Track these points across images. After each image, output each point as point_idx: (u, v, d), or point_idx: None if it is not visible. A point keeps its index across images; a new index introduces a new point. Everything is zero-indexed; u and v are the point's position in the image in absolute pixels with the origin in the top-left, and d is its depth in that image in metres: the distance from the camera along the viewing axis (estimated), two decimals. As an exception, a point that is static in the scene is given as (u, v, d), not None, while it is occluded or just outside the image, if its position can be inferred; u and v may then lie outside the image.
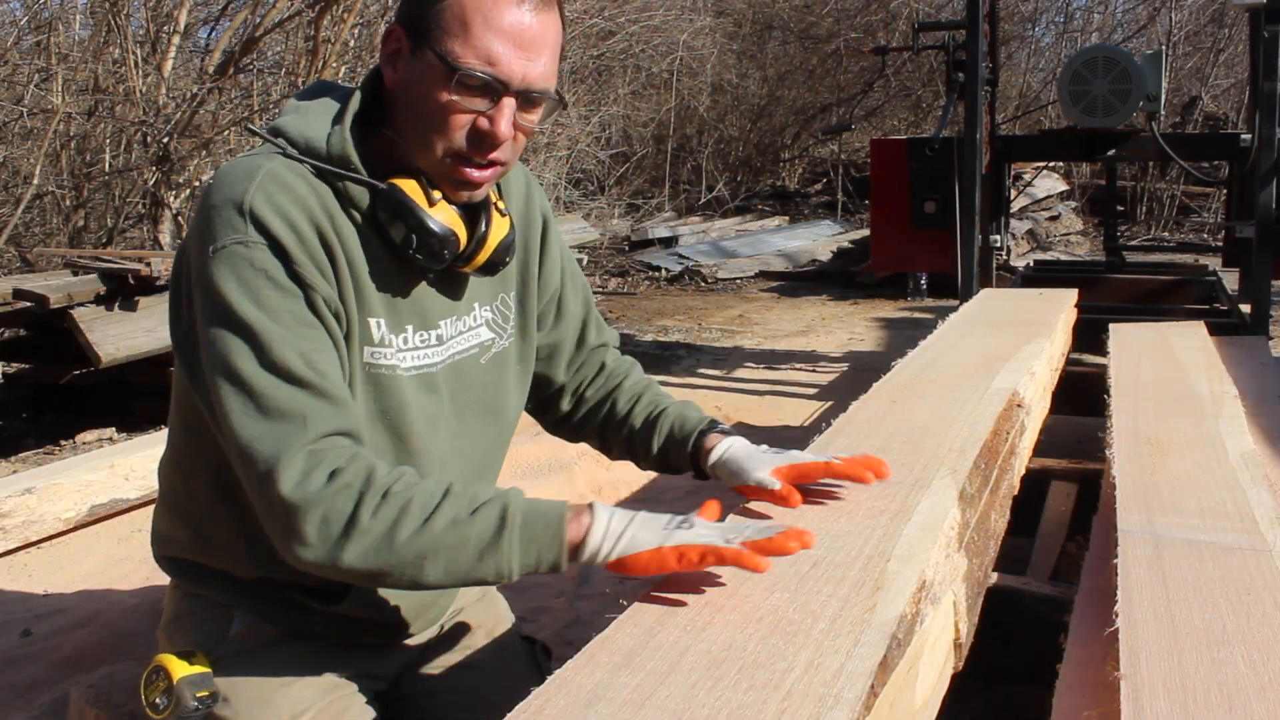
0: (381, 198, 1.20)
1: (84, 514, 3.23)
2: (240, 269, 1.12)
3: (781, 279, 9.15)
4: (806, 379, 5.46)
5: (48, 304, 3.98)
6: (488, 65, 1.15)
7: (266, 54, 7.76)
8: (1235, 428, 1.94)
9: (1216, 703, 0.93)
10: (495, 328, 1.36)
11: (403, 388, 1.25)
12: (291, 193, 1.15)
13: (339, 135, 1.20)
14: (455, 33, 1.15)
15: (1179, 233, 11.36)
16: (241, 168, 1.18)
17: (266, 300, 1.12)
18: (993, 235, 4.49)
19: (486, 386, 1.36)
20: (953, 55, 4.46)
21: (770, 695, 0.86)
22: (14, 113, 6.32)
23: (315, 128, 1.21)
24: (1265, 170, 3.93)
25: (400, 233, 1.20)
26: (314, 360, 1.12)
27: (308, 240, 1.15)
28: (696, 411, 1.50)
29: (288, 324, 1.12)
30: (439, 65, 1.15)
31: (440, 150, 1.19)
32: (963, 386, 1.95)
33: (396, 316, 1.24)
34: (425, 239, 1.20)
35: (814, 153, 14.83)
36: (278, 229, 1.13)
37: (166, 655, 1.24)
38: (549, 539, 1.10)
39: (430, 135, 1.18)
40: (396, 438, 1.25)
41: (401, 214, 1.19)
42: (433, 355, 1.28)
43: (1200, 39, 13.52)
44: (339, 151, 1.19)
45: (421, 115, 1.18)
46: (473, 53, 1.14)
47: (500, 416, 1.39)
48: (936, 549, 1.18)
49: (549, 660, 1.51)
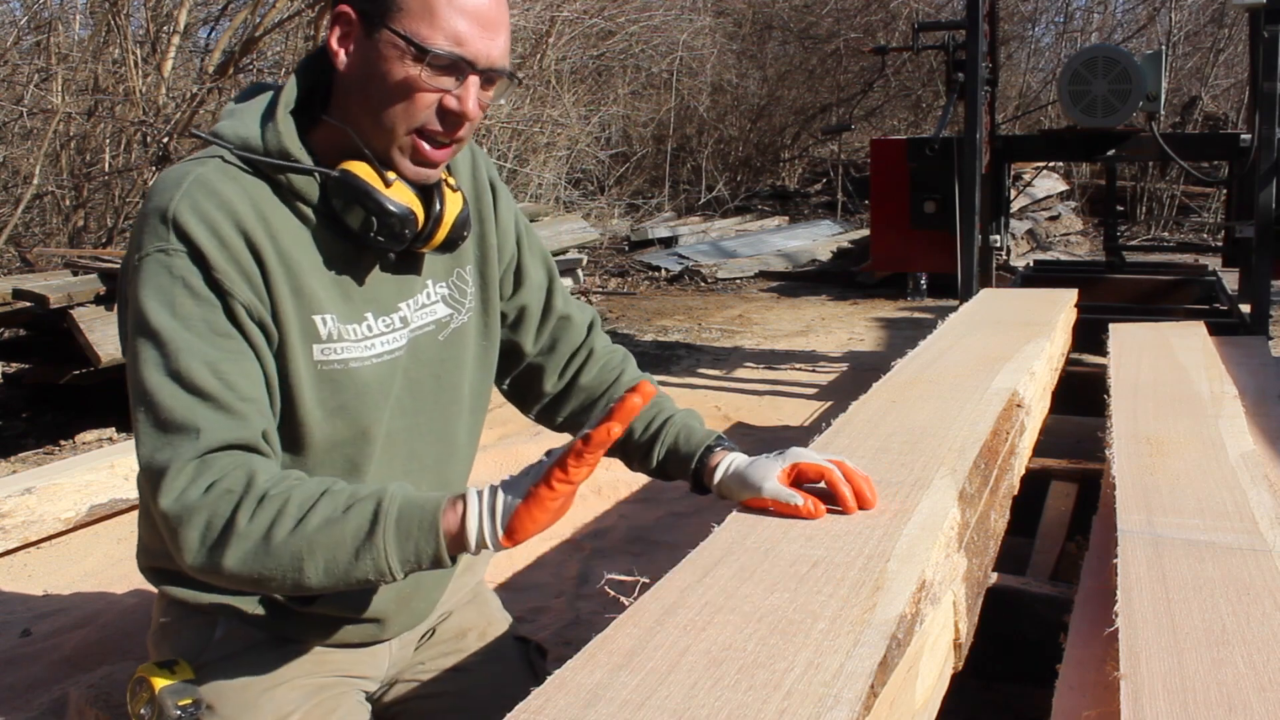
0: (334, 184, 1.18)
1: (84, 514, 3.23)
2: (159, 277, 1.12)
3: (781, 279, 9.15)
4: (806, 379, 5.46)
5: (48, 304, 3.98)
6: (456, 45, 1.15)
7: (266, 54, 7.76)
8: (1235, 428, 1.94)
9: (1216, 703, 0.93)
10: (452, 303, 1.35)
11: (364, 379, 1.24)
12: (217, 198, 1.15)
13: (273, 129, 1.19)
14: (419, 13, 1.14)
15: (1179, 233, 11.36)
16: (172, 175, 1.17)
17: (181, 308, 1.12)
18: (993, 235, 4.49)
19: (445, 363, 1.34)
20: (953, 55, 4.46)
21: (770, 695, 0.86)
22: (14, 113, 6.32)
23: (249, 125, 1.20)
24: (1265, 170, 3.93)
25: (358, 217, 1.18)
26: (222, 369, 1.12)
27: (231, 246, 1.14)
28: (700, 424, 1.47)
29: (200, 332, 1.12)
30: (403, 45, 1.14)
31: (402, 130, 1.18)
32: (963, 387, 1.95)
33: (351, 307, 1.23)
34: (385, 220, 1.18)
35: (814, 153, 14.84)
36: (199, 236, 1.12)
37: (147, 666, 1.23)
38: (424, 533, 1.09)
39: (391, 115, 1.17)
40: (357, 429, 1.25)
41: (358, 198, 1.18)
42: (399, 339, 1.27)
43: (1200, 39, 13.51)
44: (276, 144, 1.18)
45: (381, 95, 1.17)
46: (441, 33, 1.14)
47: (459, 393, 1.37)
48: (936, 549, 1.18)
49: (544, 660, 1.51)
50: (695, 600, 1.05)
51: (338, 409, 1.22)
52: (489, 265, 1.40)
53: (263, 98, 1.24)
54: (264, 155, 1.18)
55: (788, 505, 1.25)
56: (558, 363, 1.51)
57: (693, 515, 3.36)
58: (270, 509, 1.07)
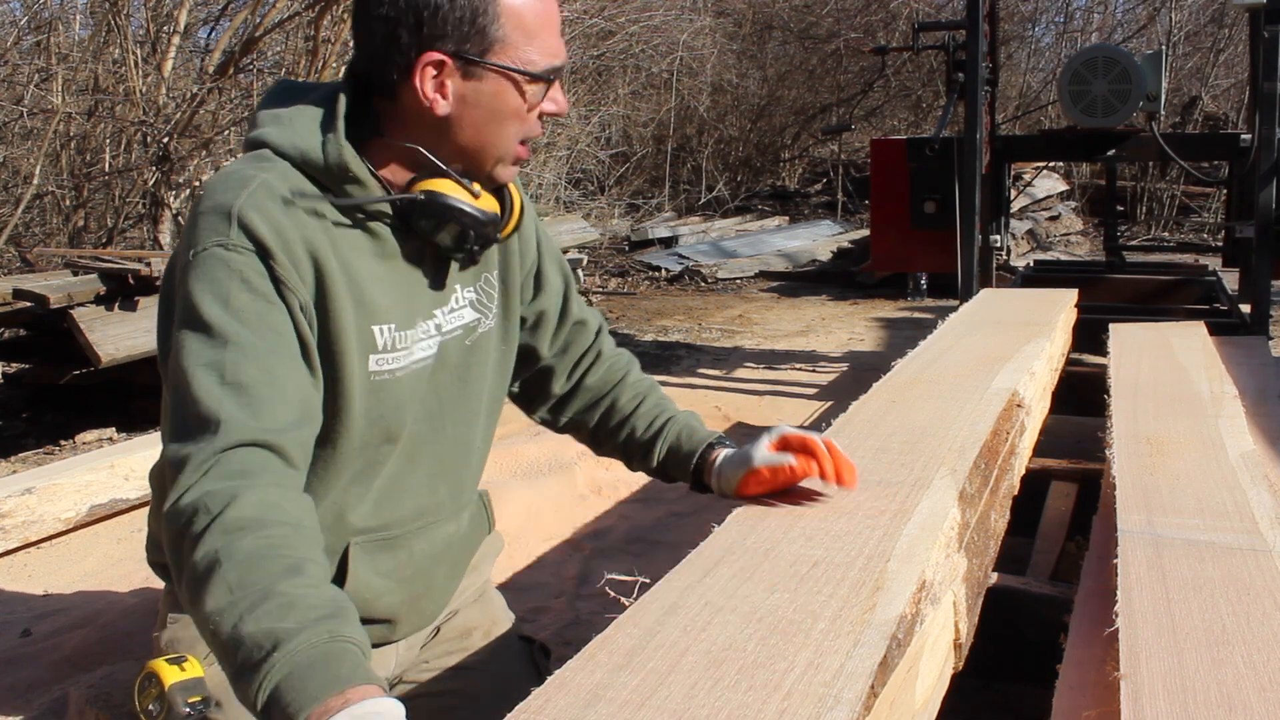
0: (422, 206, 1.21)
1: (84, 514, 3.23)
2: (216, 270, 1.11)
3: (781, 279, 9.15)
4: (806, 379, 5.46)
5: (48, 304, 3.98)
6: (555, 58, 1.21)
7: (266, 54, 7.76)
8: (1235, 428, 1.94)
9: (1216, 703, 0.93)
10: (480, 308, 1.36)
11: (402, 385, 1.25)
12: (283, 203, 1.15)
13: (335, 144, 1.19)
14: (519, 42, 1.18)
15: (1179, 233, 11.36)
16: (236, 176, 1.17)
17: (235, 300, 1.10)
18: (993, 235, 4.49)
19: (470, 368, 1.35)
20: (953, 55, 4.46)
21: (770, 695, 0.86)
22: (14, 113, 6.32)
23: (306, 138, 1.20)
24: (1265, 170, 3.93)
25: (453, 233, 1.22)
26: (269, 363, 1.10)
27: (295, 251, 1.14)
28: (701, 424, 1.49)
29: (254, 326, 1.10)
30: (516, 76, 1.19)
31: (514, 144, 1.24)
32: (963, 387, 1.95)
33: (408, 316, 1.25)
34: (481, 231, 1.24)
35: (814, 153, 14.83)
36: (265, 235, 1.12)
37: (157, 661, 1.22)
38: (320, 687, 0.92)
39: (507, 137, 1.22)
40: (386, 433, 1.26)
41: (454, 216, 1.21)
42: (432, 346, 1.29)
43: (1200, 39, 13.51)
44: (337, 160, 1.18)
45: (498, 124, 1.21)
46: (542, 53, 1.20)
47: (480, 398, 1.38)
48: (936, 549, 1.18)
49: (548, 660, 1.51)
50: (695, 600, 1.05)
51: (378, 417, 1.23)
52: (511, 271, 1.41)
53: (312, 110, 1.23)
54: (323, 170, 1.19)
55: (781, 467, 1.31)
56: (568, 364, 1.52)
57: (692, 515, 3.36)
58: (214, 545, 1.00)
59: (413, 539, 1.33)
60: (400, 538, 1.32)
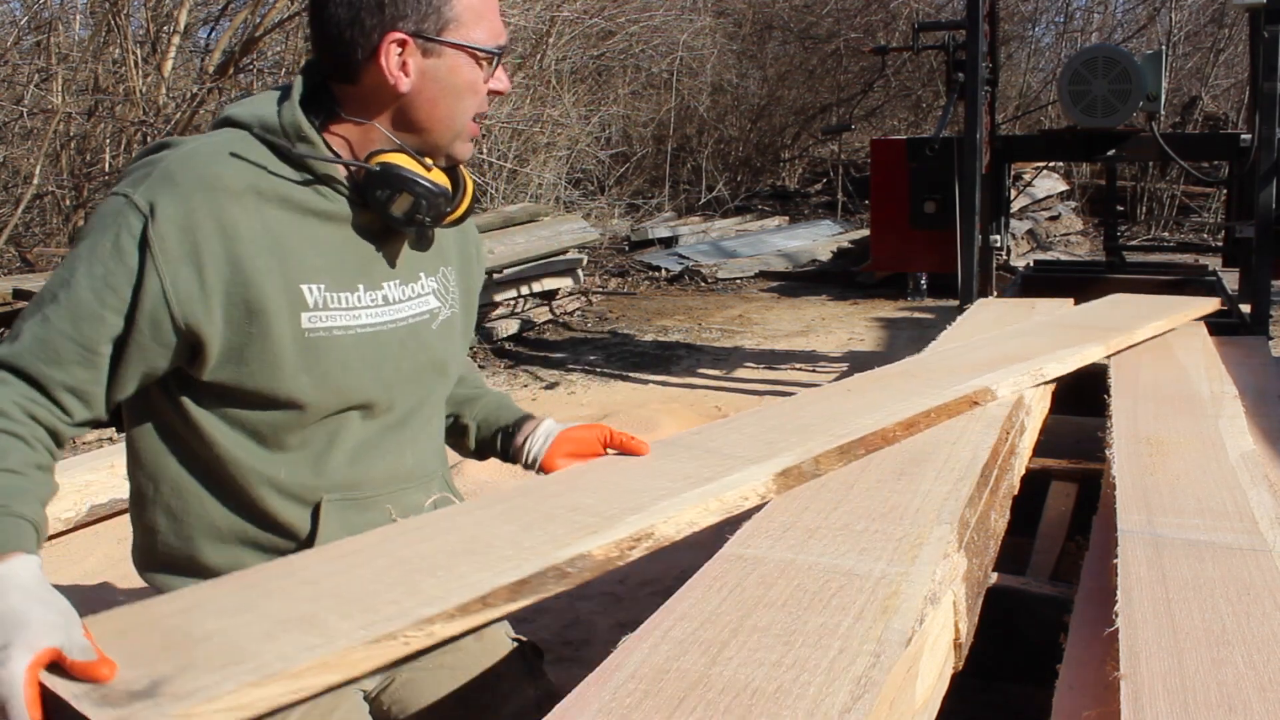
0: (378, 177, 1.28)
1: (84, 514, 3.23)
2: (106, 216, 1.21)
3: (781, 279, 9.15)
4: (806, 379, 5.46)
5: (48, 304, 3.98)
6: (499, 38, 1.32)
7: (266, 54, 7.76)
8: (1235, 428, 1.94)
9: (1216, 703, 0.93)
10: (440, 297, 1.44)
11: (345, 347, 1.30)
12: (211, 172, 1.22)
13: (289, 108, 1.28)
14: (471, 21, 1.28)
15: (1179, 233, 11.37)
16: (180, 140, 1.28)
17: (97, 250, 1.19)
18: (993, 235, 4.49)
19: (437, 348, 1.43)
20: (953, 55, 4.46)
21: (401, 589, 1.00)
22: (14, 113, 6.32)
23: (263, 106, 1.29)
24: (1265, 170, 3.93)
25: (405, 203, 1.29)
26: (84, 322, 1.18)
27: (195, 222, 1.20)
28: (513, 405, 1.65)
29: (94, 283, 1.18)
30: (469, 53, 1.29)
31: (465, 121, 1.33)
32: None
33: (341, 278, 1.31)
34: (433, 201, 1.30)
35: (814, 153, 14.84)
36: (163, 207, 1.19)
37: None
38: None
39: (462, 112, 1.32)
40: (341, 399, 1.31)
41: (407, 186, 1.28)
42: (381, 315, 1.35)
43: (1200, 39, 13.52)
44: (291, 120, 1.27)
45: (455, 99, 1.30)
46: (487, 33, 1.30)
47: (447, 372, 1.48)
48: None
49: (540, 660, 1.51)
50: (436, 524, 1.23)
51: (324, 375, 1.28)
52: (471, 275, 1.53)
53: (270, 92, 1.33)
54: (280, 131, 1.27)
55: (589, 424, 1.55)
56: None
57: (693, 515, 3.35)
58: None
59: (385, 501, 1.38)
60: (373, 499, 1.37)
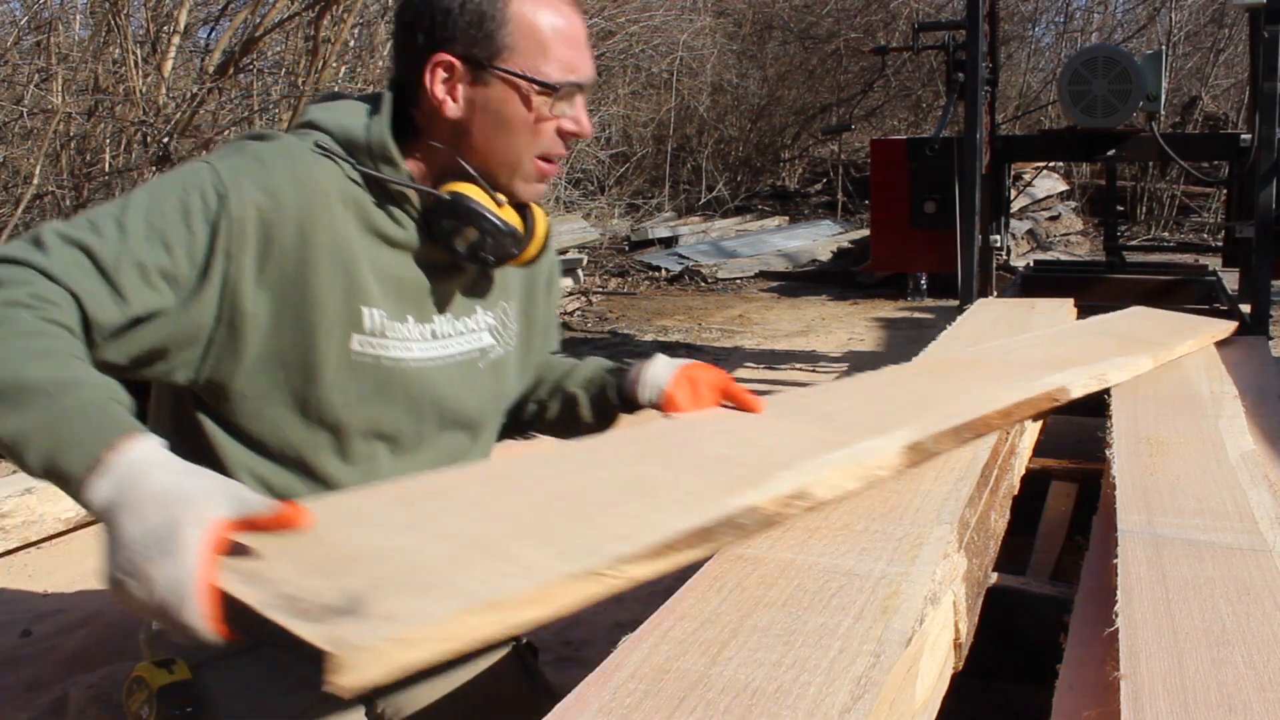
0: (446, 206, 1.23)
1: (84, 514, 3.23)
2: (181, 176, 1.13)
3: (781, 279, 9.15)
4: (806, 379, 5.46)
5: (48, 304, 3.98)
6: (570, 73, 1.23)
7: (266, 54, 7.76)
8: (1235, 428, 1.94)
9: (1216, 703, 0.93)
10: (496, 334, 1.38)
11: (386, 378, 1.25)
12: (295, 169, 1.17)
13: (377, 125, 1.22)
14: (530, 51, 1.21)
15: (1179, 233, 11.37)
16: (274, 133, 1.22)
17: (164, 202, 1.11)
18: (993, 235, 4.49)
19: (480, 389, 1.37)
20: (953, 55, 4.45)
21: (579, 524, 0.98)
22: (14, 113, 6.31)
23: (350, 118, 1.23)
24: (1265, 170, 3.93)
25: (470, 237, 1.23)
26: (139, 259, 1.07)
27: (277, 217, 1.14)
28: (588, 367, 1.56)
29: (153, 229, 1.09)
30: (524, 85, 1.21)
31: (527, 158, 1.25)
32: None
33: (396, 306, 1.25)
34: (500, 240, 1.24)
35: (814, 153, 14.84)
36: (248, 197, 1.13)
37: (145, 665, 1.21)
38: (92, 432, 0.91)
39: (516, 148, 1.24)
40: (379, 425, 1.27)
41: (473, 219, 1.23)
42: (427, 349, 1.30)
43: (1200, 39, 13.52)
44: (378, 139, 1.21)
45: (505, 132, 1.23)
46: (555, 65, 1.21)
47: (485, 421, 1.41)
48: None
49: (535, 659, 1.50)
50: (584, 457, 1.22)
51: (359, 400, 1.24)
52: (535, 308, 1.46)
53: (357, 102, 1.28)
54: (365, 148, 1.22)
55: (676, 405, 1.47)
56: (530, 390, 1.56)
57: (693, 515, 3.35)
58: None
59: None
60: None
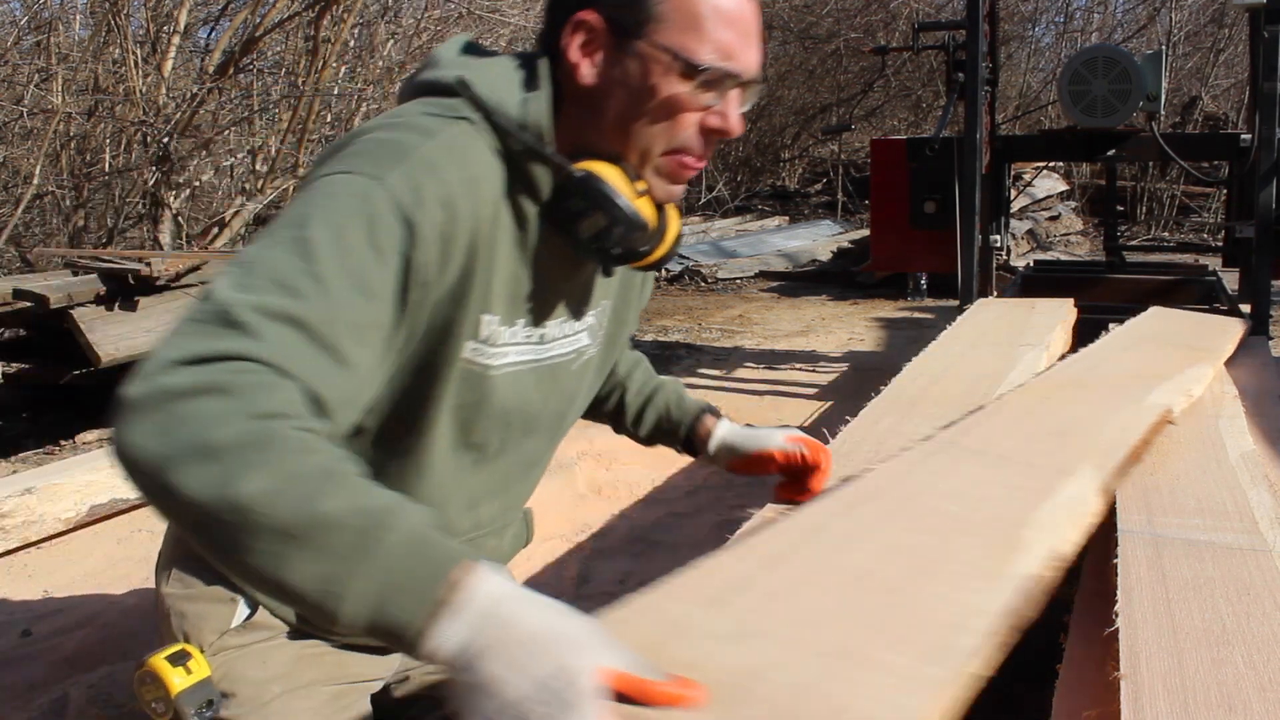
0: (577, 185, 1.06)
1: (84, 514, 3.23)
2: (351, 197, 0.94)
3: (781, 279, 9.15)
4: (806, 379, 5.46)
5: (48, 304, 3.98)
6: (725, 59, 1.07)
7: (266, 54, 7.76)
8: (1235, 428, 1.94)
9: (1216, 702, 0.93)
10: (592, 334, 1.27)
11: (488, 388, 1.14)
12: (465, 170, 1.01)
13: (537, 102, 1.07)
14: (683, 26, 1.05)
15: (1179, 233, 11.37)
16: (420, 120, 1.02)
17: (350, 238, 0.92)
18: (993, 235, 4.49)
19: (565, 393, 1.26)
20: (953, 55, 4.46)
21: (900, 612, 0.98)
22: (14, 113, 6.31)
23: (506, 89, 1.07)
24: (1265, 170, 3.93)
25: (597, 225, 1.07)
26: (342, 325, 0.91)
27: (455, 230, 1.00)
28: (688, 394, 1.53)
29: (350, 274, 0.92)
30: (668, 60, 1.05)
31: (659, 149, 1.09)
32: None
33: (510, 309, 1.12)
34: (629, 234, 1.08)
35: (814, 153, 14.84)
36: (426, 200, 0.97)
37: (158, 660, 1.16)
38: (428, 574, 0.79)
39: (650, 134, 1.08)
40: (468, 440, 1.16)
41: (604, 205, 1.06)
42: (526, 353, 1.17)
43: (1200, 39, 13.52)
44: (535, 121, 1.06)
45: (640, 113, 1.07)
46: (710, 47, 1.06)
47: (561, 423, 1.31)
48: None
49: None
50: (839, 527, 1.19)
51: (458, 407, 1.12)
52: (629, 307, 1.33)
53: (510, 63, 1.10)
54: (518, 125, 1.06)
55: (794, 454, 1.39)
56: None
57: (693, 516, 3.36)
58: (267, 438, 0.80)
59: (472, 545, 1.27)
60: (472, 541, 1.27)
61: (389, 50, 7.91)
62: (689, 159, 1.11)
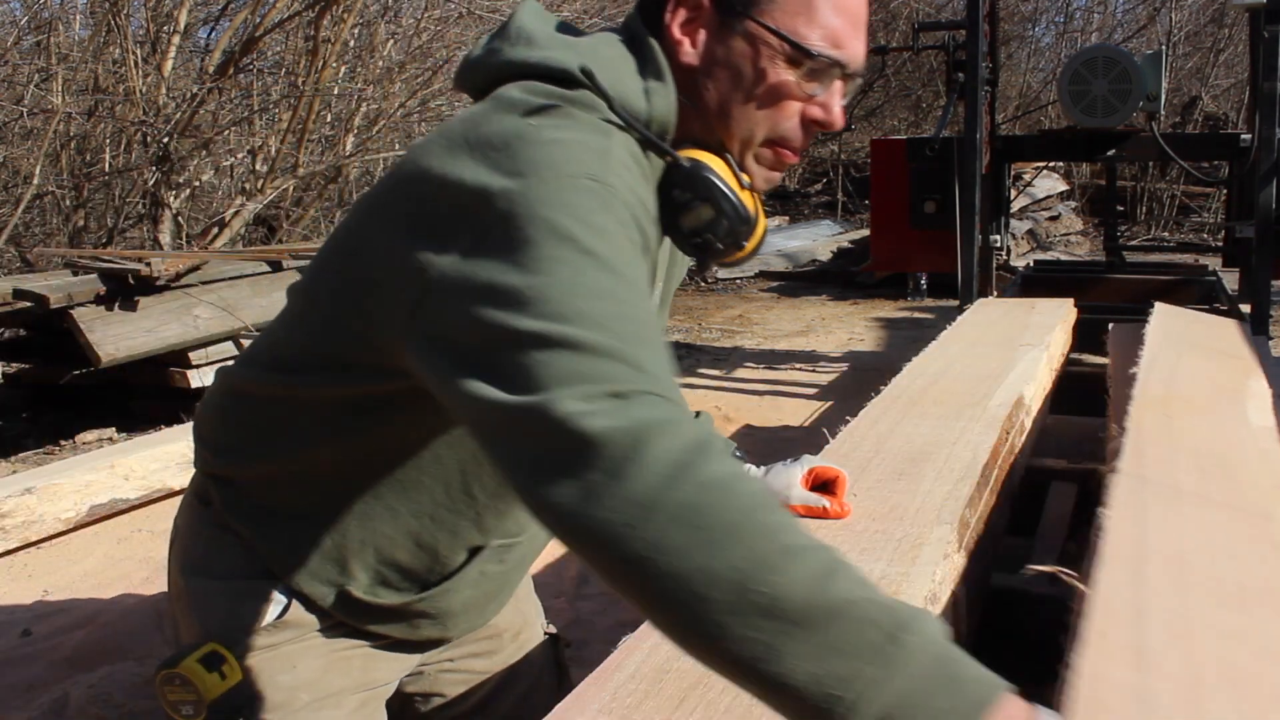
0: (685, 176, 1.01)
1: (84, 514, 3.23)
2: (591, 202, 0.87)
3: (781, 279, 9.15)
4: (806, 379, 5.46)
5: (48, 304, 3.98)
6: (834, 47, 1.00)
7: (266, 54, 7.76)
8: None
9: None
10: None
11: None
12: (633, 171, 0.96)
13: (663, 93, 1.01)
14: (794, 8, 0.99)
15: (1179, 233, 11.37)
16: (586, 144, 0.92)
17: (621, 251, 0.88)
18: (993, 235, 4.49)
19: None
20: (953, 55, 4.46)
21: None
22: (14, 113, 6.31)
23: (627, 78, 1.01)
24: (1265, 170, 3.93)
25: (702, 217, 1.02)
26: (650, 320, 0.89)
27: (648, 224, 0.97)
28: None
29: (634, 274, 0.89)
30: (777, 43, 0.99)
31: (761, 137, 1.03)
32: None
33: None
34: (735, 228, 1.03)
35: (814, 153, 14.83)
36: (639, 196, 0.94)
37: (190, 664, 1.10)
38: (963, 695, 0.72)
39: (752, 121, 1.02)
40: None
41: (712, 197, 1.01)
42: None
43: (1200, 39, 13.52)
44: (662, 117, 1.01)
45: (743, 98, 1.01)
46: (820, 33, 0.99)
47: None
48: None
49: (563, 652, 1.45)
50: None
51: None
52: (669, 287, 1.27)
53: (616, 47, 1.03)
54: (645, 120, 1.00)
55: (816, 508, 1.35)
56: None
57: (693, 515, 3.35)
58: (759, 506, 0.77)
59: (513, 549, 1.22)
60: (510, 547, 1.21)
61: (389, 50, 7.91)
62: (787, 151, 1.06)
